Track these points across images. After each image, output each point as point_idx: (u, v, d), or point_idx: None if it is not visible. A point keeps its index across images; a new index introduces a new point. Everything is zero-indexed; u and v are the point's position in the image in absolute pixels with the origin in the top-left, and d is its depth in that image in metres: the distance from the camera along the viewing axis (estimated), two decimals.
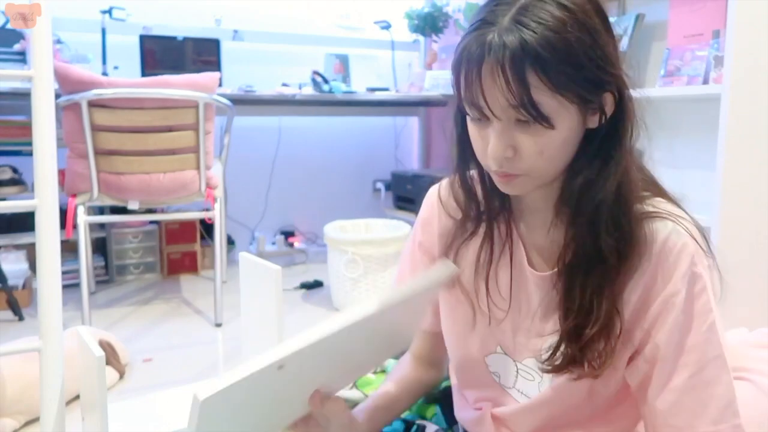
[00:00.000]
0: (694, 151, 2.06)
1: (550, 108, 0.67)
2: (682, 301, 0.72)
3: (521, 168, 0.72)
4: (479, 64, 0.67)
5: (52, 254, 1.05)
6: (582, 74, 0.67)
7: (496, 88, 0.67)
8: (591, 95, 0.69)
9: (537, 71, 0.65)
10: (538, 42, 0.65)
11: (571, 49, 0.65)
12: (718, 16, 1.88)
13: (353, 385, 1.40)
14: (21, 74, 1.08)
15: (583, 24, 0.67)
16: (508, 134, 0.70)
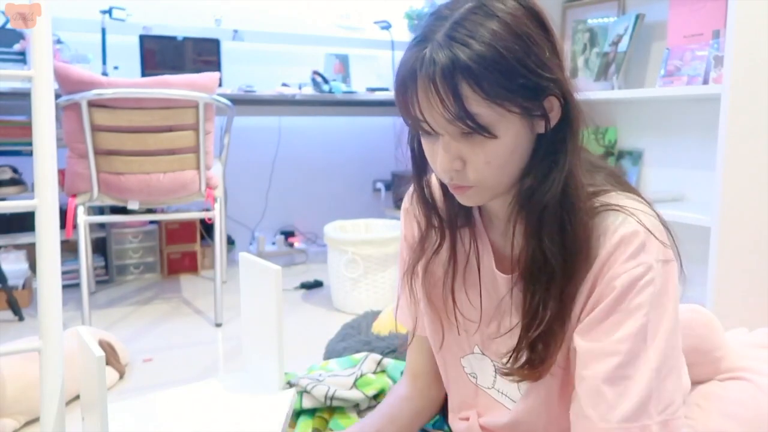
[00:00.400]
0: (694, 151, 2.06)
1: (489, 118, 0.67)
2: (621, 287, 0.69)
3: (472, 179, 0.72)
4: (414, 81, 0.67)
5: (52, 254, 1.05)
6: (517, 82, 0.66)
7: (432, 105, 0.67)
8: (531, 102, 0.68)
9: (470, 83, 0.65)
10: (468, 55, 0.64)
11: (502, 59, 0.65)
12: (718, 16, 1.88)
13: (353, 385, 1.40)
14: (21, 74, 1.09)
15: (514, 31, 0.66)
16: (454, 147, 0.70)
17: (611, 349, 0.68)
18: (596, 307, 0.71)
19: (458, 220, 0.84)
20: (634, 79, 2.24)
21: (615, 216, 0.72)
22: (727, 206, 1.66)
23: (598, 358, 0.69)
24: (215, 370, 2.00)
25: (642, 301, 0.68)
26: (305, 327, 2.40)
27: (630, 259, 0.69)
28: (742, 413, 1.23)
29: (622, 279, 0.69)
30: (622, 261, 0.70)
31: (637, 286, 0.69)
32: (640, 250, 0.69)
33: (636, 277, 0.69)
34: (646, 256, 0.69)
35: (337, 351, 1.90)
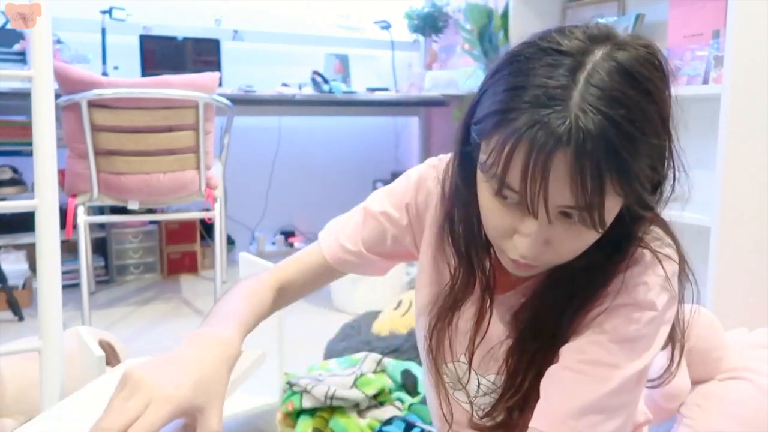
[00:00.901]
0: (694, 151, 2.06)
1: (610, 211, 0.58)
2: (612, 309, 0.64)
3: (549, 262, 0.62)
4: (549, 155, 0.53)
5: (52, 254, 1.05)
6: (651, 179, 0.59)
7: (565, 189, 0.54)
8: (646, 193, 0.59)
9: (614, 179, 0.54)
10: (623, 143, 0.53)
11: (653, 155, 0.57)
12: (718, 16, 1.88)
13: (353, 385, 1.40)
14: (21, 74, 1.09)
15: (664, 119, 0.59)
16: (548, 230, 0.59)
17: (584, 348, 0.64)
18: None
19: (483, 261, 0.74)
20: None
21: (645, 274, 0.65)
22: (727, 206, 1.66)
23: (571, 349, 0.65)
24: None
25: (632, 318, 0.64)
26: (305, 327, 2.40)
27: (633, 277, 0.65)
28: (742, 413, 1.23)
29: (620, 296, 0.65)
30: (624, 279, 0.65)
31: (635, 303, 0.64)
32: (644, 271, 0.65)
33: (635, 298, 0.64)
34: (649, 277, 0.65)
35: (337, 351, 1.90)
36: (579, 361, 0.63)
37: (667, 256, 0.66)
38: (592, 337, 0.64)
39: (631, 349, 0.63)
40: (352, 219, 0.85)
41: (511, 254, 0.63)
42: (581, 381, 0.63)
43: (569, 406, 0.62)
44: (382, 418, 1.37)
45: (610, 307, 0.65)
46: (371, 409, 1.41)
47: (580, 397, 0.62)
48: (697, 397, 1.28)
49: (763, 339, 1.39)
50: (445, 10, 3.47)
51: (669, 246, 0.68)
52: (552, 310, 0.67)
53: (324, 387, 1.36)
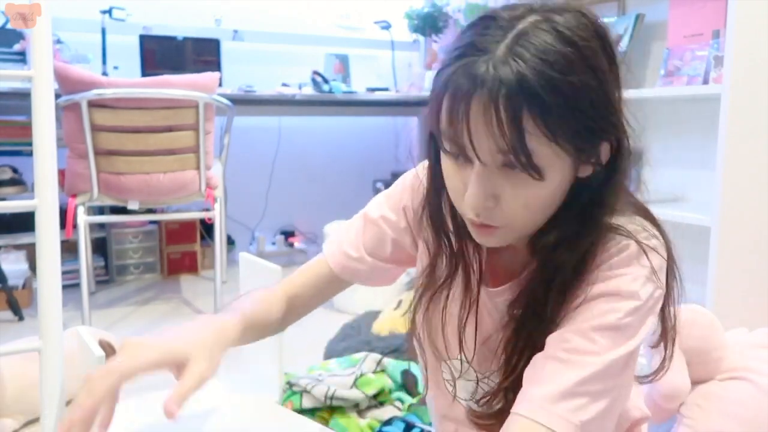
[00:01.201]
0: (694, 151, 2.06)
1: (543, 158, 0.59)
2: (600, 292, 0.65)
3: (500, 219, 0.63)
4: (468, 99, 0.57)
5: (52, 254, 1.05)
6: (583, 123, 0.59)
7: (487, 130, 0.57)
8: (588, 145, 0.61)
9: (535, 116, 0.56)
10: (538, 80, 0.56)
11: (575, 94, 0.57)
12: (718, 16, 1.88)
13: (353, 385, 1.40)
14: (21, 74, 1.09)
15: (589, 62, 0.59)
16: (490, 181, 0.61)
17: (567, 336, 0.64)
18: None
19: (467, 255, 0.76)
20: (634, 79, 2.24)
21: (614, 237, 0.67)
22: (727, 206, 1.66)
23: (555, 338, 0.66)
24: None
25: (614, 308, 0.64)
26: (305, 327, 2.40)
27: (616, 267, 0.65)
28: (742, 413, 1.23)
29: (604, 286, 0.65)
30: (607, 269, 0.65)
31: (617, 293, 0.64)
32: (629, 261, 0.65)
33: (618, 287, 0.64)
34: (633, 269, 0.65)
35: (337, 351, 1.90)
36: (561, 350, 0.64)
37: (653, 249, 0.66)
38: (575, 326, 0.64)
39: (613, 338, 0.63)
40: (353, 226, 0.86)
41: (467, 213, 0.65)
42: (562, 368, 0.63)
43: (548, 390, 0.62)
44: (382, 418, 1.37)
45: (593, 296, 0.65)
46: (371, 409, 1.41)
47: (559, 383, 0.62)
48: (697, 397, 1.28)
49: (763, 339, 1.39)
50: (445, 10, 3.47)
51: (656, 238, 0.68)
52: (543, 299, 0.68)
53: (324, 387, 1.36)
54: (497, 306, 0.75)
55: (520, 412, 0.62)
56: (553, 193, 0.63)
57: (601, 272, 0.65)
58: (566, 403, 0.61)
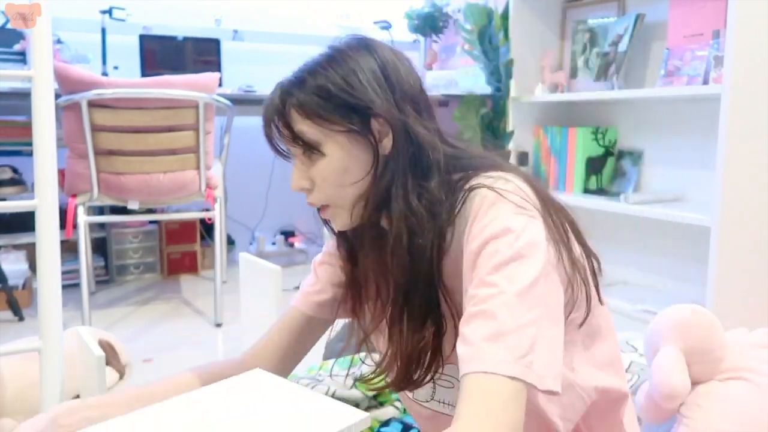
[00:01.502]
0: (694, 151, 2.06)
1: (314, 136, 0.75)
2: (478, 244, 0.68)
3: (320, 198, 0.78)
4: (266, 113, 0.78)
5: (52, 254, 1.05)
6: (333, 102, 0.74)
7: (274, 130, 0.77)
8: (351, 122, 0.74)
9: (295, 107, 0.75)
10: (293, 82, 0.77)
11: (320, 81, 0.75)
12: (718, 16, 1.88)
13: (353, 385, 1.40)
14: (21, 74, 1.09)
15: (334, 60, 0.77)
16: (302, 168, 0.78)
17: (470, 294, 0.67)
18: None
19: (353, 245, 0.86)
20: (634, 79, 2.24)
21: (472, 196, 0.72)
22: (727, 206, 1.66)
23: (465, 303, 0.68)
24: None
25: (494, 249, 0.67)
26: None
27: (482, 218, 0.69)
28: (742, 413, 1.23)
29: (479, 239, 0.68)
30: (475, 223, 0.70)
31: (491, 236, 0.68)
32: (489, 207, 0.69)
33: (490, 231, 0.68)
34: (497, 211, 0.69)
35: (337, 351, 1.90)
36: (471, 305, 0.65)
37: (517, 188, 0.71)
38: (475, 282, 0.67)
39: (507, 271, 0.65)
40: (309, 275, 0.97)
41: (300, 193, 0.79)
42: (477, 320, 0.64)
43: (477, 344, 0.62)
44: (382, 418, 1.36)
45: (475, 251, 0.68)
46: (371, 410, 1.41)
47: (483, 332, 0.63)
48: (697, 397, 1.28)
49: (763, 339, 1.39)
50: (445, 10, 3.47)
51: (512, 180, 0.73)
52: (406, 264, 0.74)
53: (323, 387, 1.36)
54: None
55: (463, 372, 0.63)
56: (343, 167, 0.75)
57: (472, 229, 0.70)
58: (496, 346, 0.61)
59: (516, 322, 0.62)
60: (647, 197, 2.01)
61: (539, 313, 0.64)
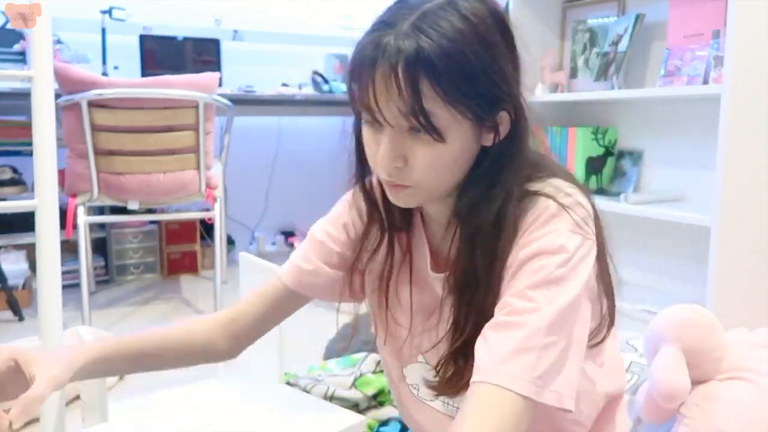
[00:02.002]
0: (694, 151, 2.06)
1: (442, 120, 0.65)
2: (527, 254, 0.68)
3: (410, 179, 0.70)
4: (373, 66, 0.65)
5: (52, 254, 1.05)
6: (476, 89, 0.65)
7: (389, 94, 0.65)
8: (485, 112, 0.67)
9: (430, 80, 0.63)
10: (434, 50, 0.63)
11: (466, 62, 0.64)
12: (718, 16, 1.88)
13: (353, 385, 1.40)
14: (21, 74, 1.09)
15: (482, 38, 0.65)
16: (399, 143, 0.68)
17: (506, 301, 0.66)
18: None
19: (398, 220, 0.82)
20: (634, 79, 2.24)
21: (533, 201, 0.70)
22: (727, 206, 1.66)
23: (497, 307, 0.67)
24: (215, 370, 2.00)
25: (544, 264, 0.66)
26: (305, 327, 2.40)
27: (539, 228, 0.68)
28: (742, 413, 1.23)
29: (530, 249, 0.67)
30: (531, 232, 0.68)
31: (544, 251, 0.67)
32: (549, 220, 0.68)
33: (544, 245, 0.67)
34: (555, 225, 0.68)
35: (336, 351, 1.90)
36: (503, 314, 0.66)
37: (572, 205, 0.70)
38: (512, 290, 0.67)
39: (549, 292, 0.65)
40: (302, 246, 0.92)
41: (381, 174, 0.72)
42: (506, 331, 0.64)
43: (497, 354, 0.63)
44: (382, 418, 1.37)
45: (523, 260, 0.67)
46: (371, 409, 1.41)
47: (507, 345, 0.63)
48: (697, 397, 1.28)
49: (763, 339, 1.39)
50: None
51: (572, 196, 0.71)
52: (472, 265, 0.71)
53: (323, 387, 1.36)
54: (438, 289, 0.79)
55: (476, 380, 0.63)
56: (457, 156, 0.69)
57: (526, 236, 0.69)
58: (516, 362, 0.62)
59: (542, 342, 0.63)
60: (647, 197, 2.01)
61: (567, 335, 0.65)
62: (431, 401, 0.83)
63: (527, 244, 0.68)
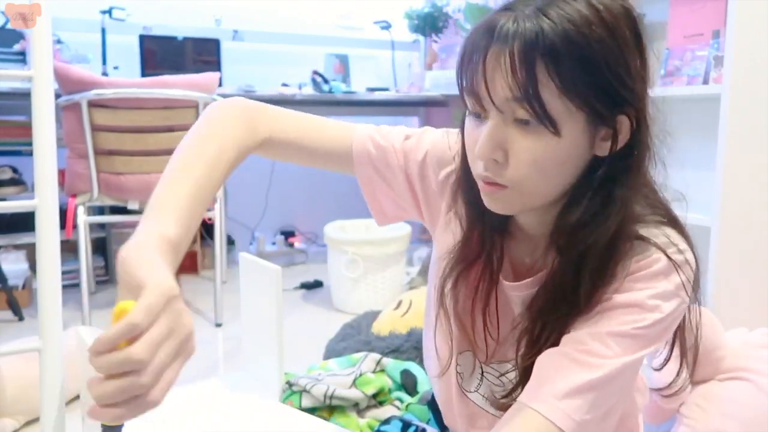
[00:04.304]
0: (694, 151, 2.06)
1: (555, 110, 0.59)
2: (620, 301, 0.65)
3: (509, 177, 0.63)
4: (486, 46, 0.60)
5: (52, 254, 1.04)
6: (597, 81, 0.59)
7: (500, 75, 0.59)
8: (604, 109, 0.61)
9: (547, 64, 0.58)
10: (555, 32, 0.57)
11: (589, 49, 0.58)
12: (718, 16, 1.88)
13: (353, 384, 1.40)
14: (21, 74, 1.09)
15: (609, 27, 0.60)
16: (502, 133, 0.62)
17: (584, 338, 0.64)
18: None
19: (498, 225, 0.74)
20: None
21: (643, 248, 0.66)
22: (727, 206, 1.66)
23: (572, 339, 0.66)
24: (215, 370, 2.00)
25: (635, 319, 0.64)
26: (305, 327, 2.40)
27: (644, 280, 0.65)
28: (742, 413, 1.23)
29: (627, 297, 0.65)
30: (635, 280, 0.65)
31: (641, 305, 0.64)
32: (657, 276, 0.65)
33: (643, 301, 0.64)
34: (659, 282, 0.65)
35: (337, 351, 1.90)
36: (576, 350, 0.64)
37: (681, 264, 0.66)
38: (593, 329, 0.65)
39: (628, 345, 0.64)
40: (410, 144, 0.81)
41: (477, 168, 0.65)
42: (573, 367, 0.63)
43: (556, 386, 0.63)
44: (382, 417, 1.37)
45: (617, 304, 0.65)
46: (371, 409, 1.41)
47: (569, 381, 0.63)
48: (697, 397, 1.28)
49: (763, 339, 1.39)
50: (445, 10, 3.47)
51: (683, 253, 0.67)
52: (569, 286, 0.67)
53: (323, 386, 1.36)
54: (511, 300, 0.76)
55: (525, 401, 0.63)
56: (566, 157, 0.62)
57: (628, 282, 0.65)
58: (571, 400, 0.62)
59: (603, 391, 0.63)
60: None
61: (621, 391, 0.66)
62: (471, 392, 0.82)
63: (627, 290, 0.65)
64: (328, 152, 0.81)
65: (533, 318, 0.70)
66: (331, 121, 0.82)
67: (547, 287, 0.69)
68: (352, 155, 0.80)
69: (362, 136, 0.81)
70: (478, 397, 0.81)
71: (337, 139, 0.81)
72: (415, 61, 3.77)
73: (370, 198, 0.84)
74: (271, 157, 0.81)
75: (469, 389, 0.82)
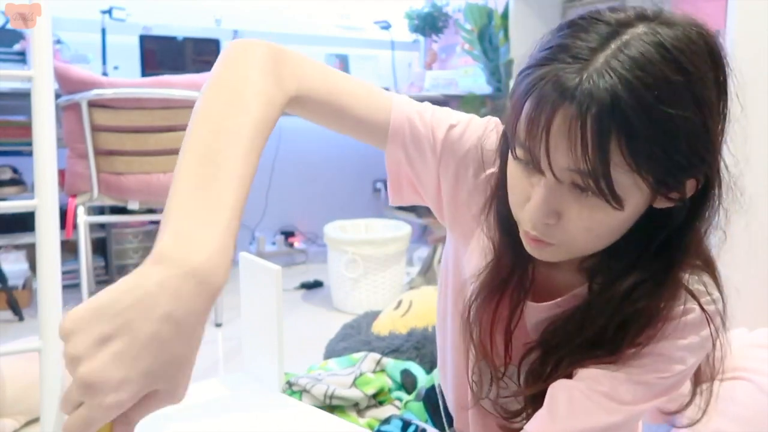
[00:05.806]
0: None
1: (622, 187, 0.54)
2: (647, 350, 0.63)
3: (559, 238, 0.59)
4: (553, 110, 0.53)
5: (52, 254, 1.05)
6: (673, 158, 0.53)
7: (568, 148, 0.52)
8: (675, 180, 0.56)
9: (622, 142, 0.51)
10: (634, 106, 0.50)
11: (671, 127, 0.51)
12: (718, 16, 1.88)
13: (353, 384, 1.40)
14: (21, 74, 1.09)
15: (696, 96, 0.53)
16: (557, 197, 0.56)
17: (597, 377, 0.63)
18: None
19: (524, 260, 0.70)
20: None
21: (677, 293, 0.64)
22: None
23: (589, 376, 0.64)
24: (215, 370, 2.00)
25: (657, 368, 0.63)
26: (305, 327, 2.40)
27: (675, 331, 0.64)
28: (742, 413, 1.23)
29: (655, 344, 0.64)
30: (664, 328, 0.64)
31: (668, 357, 0.63)
32: (688, 328, 0.63)
33: (670, 352, 0.63)
34: (687, 336, 0.64)
35: (337, 351, 1.90)
36: (593, 390, 0.63)
37: (712, 316, 0.64)
38: (614, 372, 0.64)
39: (646, 393, 0.64)
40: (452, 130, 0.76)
41: (524, 224, 0.61)
42: (589, 407, 0.63)
43: (568, 424, 0.62)
44: (382, 417, 1.37)
45: (644, 351, 0.64)
46: (371, 409, 1.41)
47: (581, 421, 0.62)
48: (697, 397, 1.28)
49: (763, 339, 1.39)
50: (445, 10, 3.47)
51: (715, 303, 0.65)
52: (583, 330, 0.65)
53: (323, 386, 1.36)
54: (529, 320, 0.73)
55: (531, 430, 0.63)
56: (623, 223, 0.59)
57: (658, 329, 0.64)
58: None
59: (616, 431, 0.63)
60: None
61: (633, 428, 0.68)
62: (480, 399, 0.80)
63: (656, 339, 0.63)
64: (360, 121, 0.74)
65: (546, 343, 0.68)
66: (365, 86, 0.75)
67: (572, 318, 0.66)
68: (386, 132, 0.75)
69: (401, 114, 0.75)
70: (487, 403, 0.81)
71: (372, 109, 0.75)
72: (415, 61, 3.77)
73: (393, 177, 0.80)
74: (293, 113, 0.73)
75: (481, 396, 0.81)
